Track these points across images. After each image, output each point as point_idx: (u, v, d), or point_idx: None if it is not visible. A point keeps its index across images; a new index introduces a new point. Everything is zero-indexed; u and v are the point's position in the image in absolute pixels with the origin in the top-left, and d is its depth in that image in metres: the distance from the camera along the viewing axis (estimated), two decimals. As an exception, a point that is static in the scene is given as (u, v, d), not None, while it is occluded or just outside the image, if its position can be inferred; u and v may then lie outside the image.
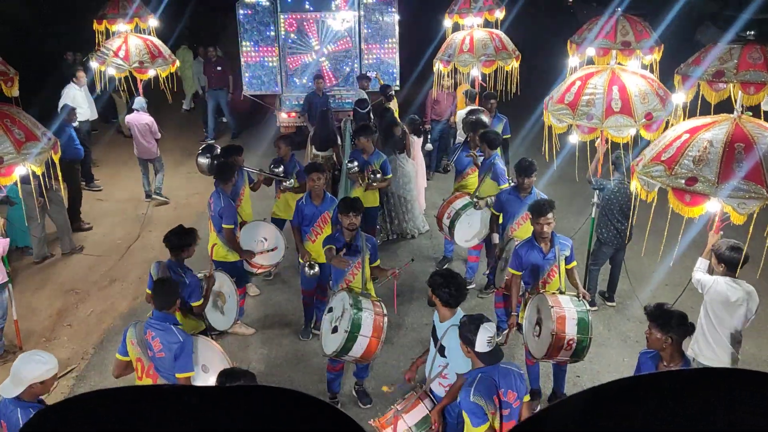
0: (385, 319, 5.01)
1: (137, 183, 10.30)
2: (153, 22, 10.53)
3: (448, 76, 9.67)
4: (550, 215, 5.17)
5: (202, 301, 5.23)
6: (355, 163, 7.30)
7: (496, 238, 6.59)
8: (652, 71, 6.87)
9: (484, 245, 7.20)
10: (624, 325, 6.64)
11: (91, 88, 10.41)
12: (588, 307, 5.10)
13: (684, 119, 5.30)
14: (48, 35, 13.65)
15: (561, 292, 5.19)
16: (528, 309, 5.30)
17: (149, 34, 10.23)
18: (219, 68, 12.29)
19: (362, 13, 10.63)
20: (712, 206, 4.31)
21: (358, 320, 4.82)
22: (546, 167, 6.91)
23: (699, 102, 5.40)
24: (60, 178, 6.25)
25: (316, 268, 5.97)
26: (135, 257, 8.19)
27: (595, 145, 6.24)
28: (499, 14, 10.40)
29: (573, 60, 6.80)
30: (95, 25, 10.36)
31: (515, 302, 5.49)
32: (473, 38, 8.88)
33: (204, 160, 7.55)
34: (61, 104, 9.82)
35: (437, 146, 10.54)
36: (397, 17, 10.87)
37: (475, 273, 7.36)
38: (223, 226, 6.07)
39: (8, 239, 6.22)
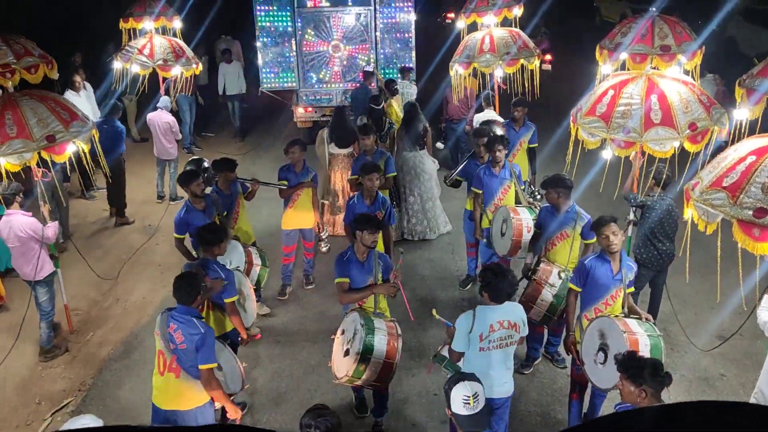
0: (400, 340, 4.75)
1: (145, 191, 9.93)
2: (178, 23, 10.51)
3: (467, 78, 9.21)
4: (613, 225, 4.71)
5: (236, 297, 5.11)
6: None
7: (530, 257, 6.07)
8: (692, 77, 6.24)
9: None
10: (668, 356, 6.04)
11: (109, 88, 10.20)
12: (659, 332, 4.64)
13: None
14: (59, 35, 13.28)
15: (626, 316, 4.72)
16: (587, 334, 4.76)
17: (174, 35, 10.25)
18: None
19: (378, 8, 10.51)
20: (785, 241, 3.74)
21: (370, 343, 4.56)
22: (576, 180, 6.37)
23: (760, 119, 4.80)
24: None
25: None
26: (140, 274, 7.75)
27: (630, 158, 5.66)
28: (518, 11, 9.91)
29: (605, 68, 6.13)
30: (121, 24, 10.40)
31: (572, 321, 5.05)
32: (493, 37, 8.40)
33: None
34: None
35: (446, 147, 10.26)
36: (413, 13, 10.68)
37: None
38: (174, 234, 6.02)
39: (56, 222, 6.25)
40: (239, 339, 5.23)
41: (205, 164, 7.16)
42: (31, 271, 5.89)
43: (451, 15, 23.23)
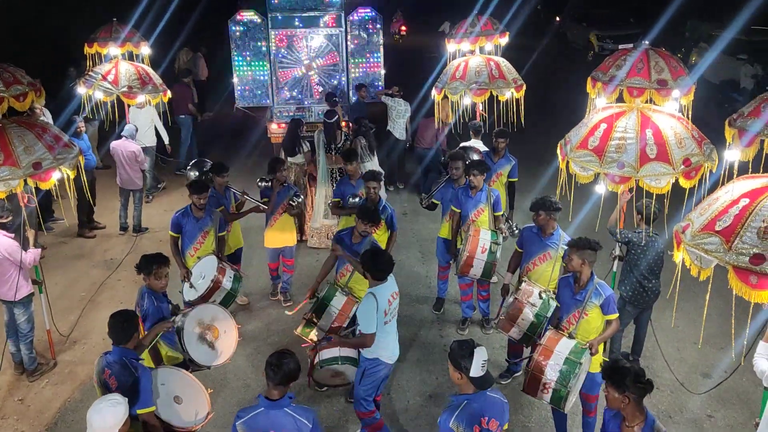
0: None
1: (107, 222, 9.50)
2: (146, 49, 10.26)
3: (443, 105, 9.22)
4: (572, 249, 4.84)
5: (153, 408, 4.18)
6: (357, 199, 6.99)
7: (509, 277, 5.99)
8: (686, 113, 6.17)
9: (474, 281, 6.71)
10: (654, 395, 5.86)
11: (77, 111, 9.78)
12: (582, 362, 4.71)
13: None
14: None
15: (571, 337, 4.88)
16: None
17: (142, 61, 10.02)
18: None
19: (349, 29, 10.78)
20: (784, 289, 3.59)
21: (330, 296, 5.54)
22: (563, 215, 6.22)
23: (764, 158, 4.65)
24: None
25: None
26: (100, 312, 7.29)
27: (619, 192, 5.53)
28: (502, 40, 9.88)
29: (600, 101, 6.03)
30: (86, 49, 10.15)
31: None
32: (468, 65, 8.38)
33: (193, 174, 7.68)
34: None
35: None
36: (381, 34, 11.02)
37: (473, 310, 7.02)
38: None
39: (40, 249, 6.19)
40: None
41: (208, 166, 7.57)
42: (8, 292, 5.92)
43: (404, 28, 23.57)
